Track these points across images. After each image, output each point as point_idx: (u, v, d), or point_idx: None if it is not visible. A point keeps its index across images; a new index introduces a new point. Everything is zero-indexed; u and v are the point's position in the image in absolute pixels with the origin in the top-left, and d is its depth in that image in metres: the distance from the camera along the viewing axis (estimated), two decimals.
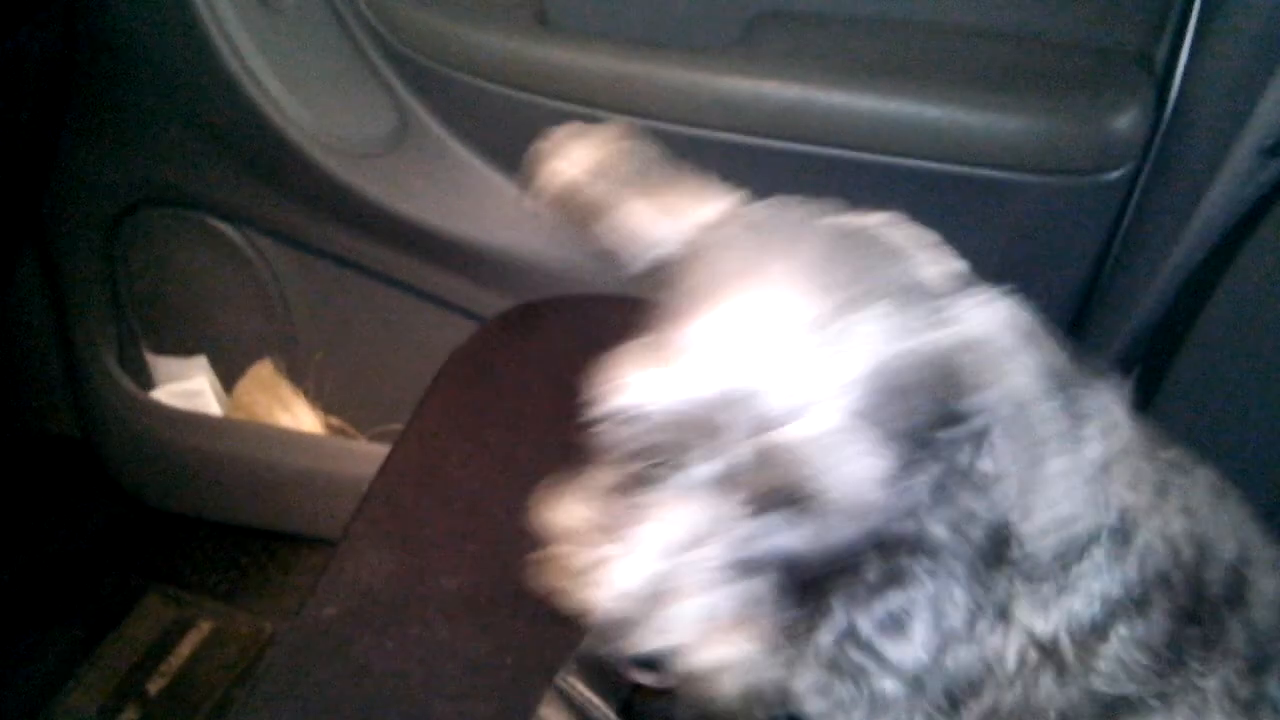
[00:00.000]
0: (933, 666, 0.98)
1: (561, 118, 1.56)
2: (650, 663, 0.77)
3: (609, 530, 0.80)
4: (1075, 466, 0.78)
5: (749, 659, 0.79)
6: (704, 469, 0.75)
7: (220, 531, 2.18)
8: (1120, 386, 0.98)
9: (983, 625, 0.97)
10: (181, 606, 2.10)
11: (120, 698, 1.95)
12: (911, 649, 0.97)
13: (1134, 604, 0.97)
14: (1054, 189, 1.46)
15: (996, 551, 0.93)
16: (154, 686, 1.97)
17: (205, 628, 2.06)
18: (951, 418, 0.79)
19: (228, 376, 2.08)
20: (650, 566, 0.76)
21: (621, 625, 0.76)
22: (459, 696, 1.14)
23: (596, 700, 1.13)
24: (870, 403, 0.73)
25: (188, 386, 2.05)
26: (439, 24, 1.62)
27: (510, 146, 1.67)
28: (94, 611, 2.07)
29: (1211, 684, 1.03)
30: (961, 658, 0.98)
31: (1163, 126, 1.44)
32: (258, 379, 2.03)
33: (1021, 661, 0.99)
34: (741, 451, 0.73)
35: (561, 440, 1.39)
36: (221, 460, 2.03)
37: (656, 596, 0.76)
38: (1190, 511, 0.99)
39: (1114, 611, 0.97)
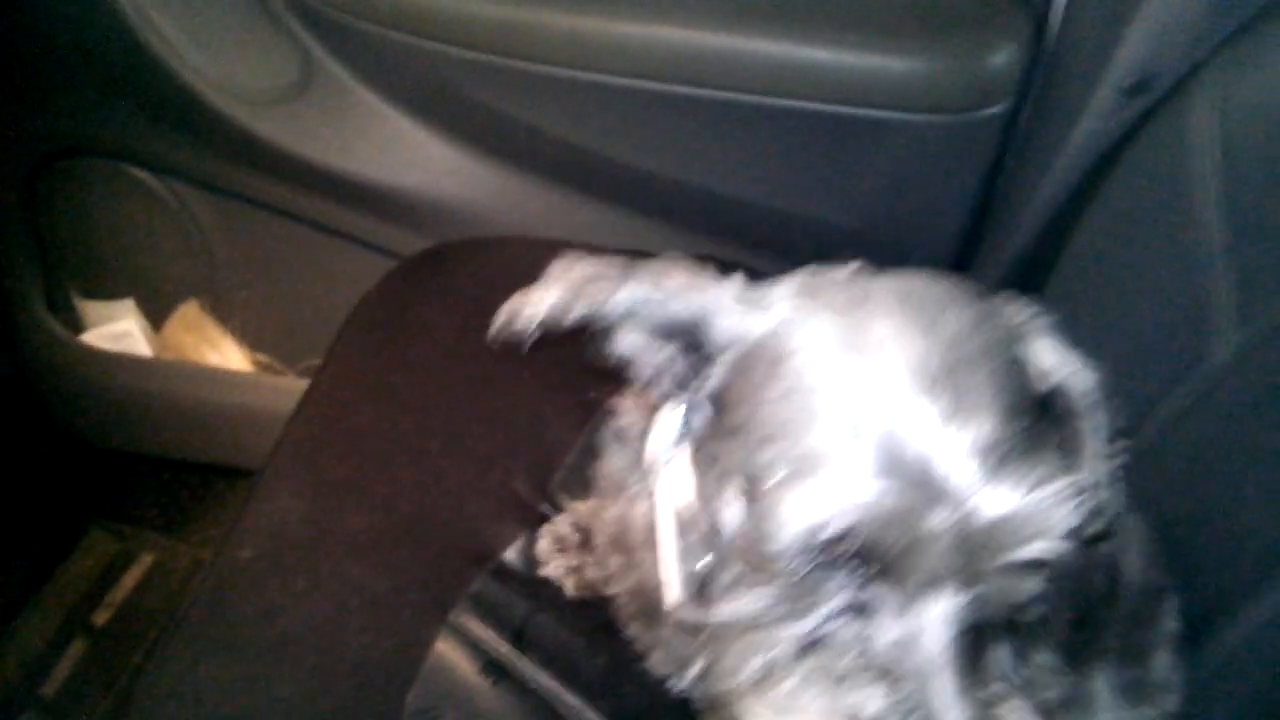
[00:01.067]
0: None
1: (455, 64, 1.61)
2: None
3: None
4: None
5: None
6: (917, 576, 0.69)
7: (158, 466, 2.23)
8: None
9: None
10: (123, 540, 2.17)
11: (68, 630, 2.03)
12: None
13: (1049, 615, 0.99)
14: (936, 126, 1.52)
15: None
16: (100, 618, 2.05)
17: (147, 560, 2.14)
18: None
19: (156, 318, 2.12)
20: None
21: None
22: (362, 631, 1.20)
23: (489, 634, 1.20)
24: (1026, 434, 0.70)
25: (116, 329, 2.09)
26: None
27: (415, 91, 1.72)
28: (39, 548, 2.13)
29: (1098, 684, 1.10)
30: None
31: (1041, 63, 1.49)
32: (184, 319, 2.07)
33: None
34: (953, 548, 0.67)
35: (463, 381, 1.46)
36: (153, 399, 2.08)
37: None
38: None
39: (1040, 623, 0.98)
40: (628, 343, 0.83)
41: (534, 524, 1.32)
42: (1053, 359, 0.79)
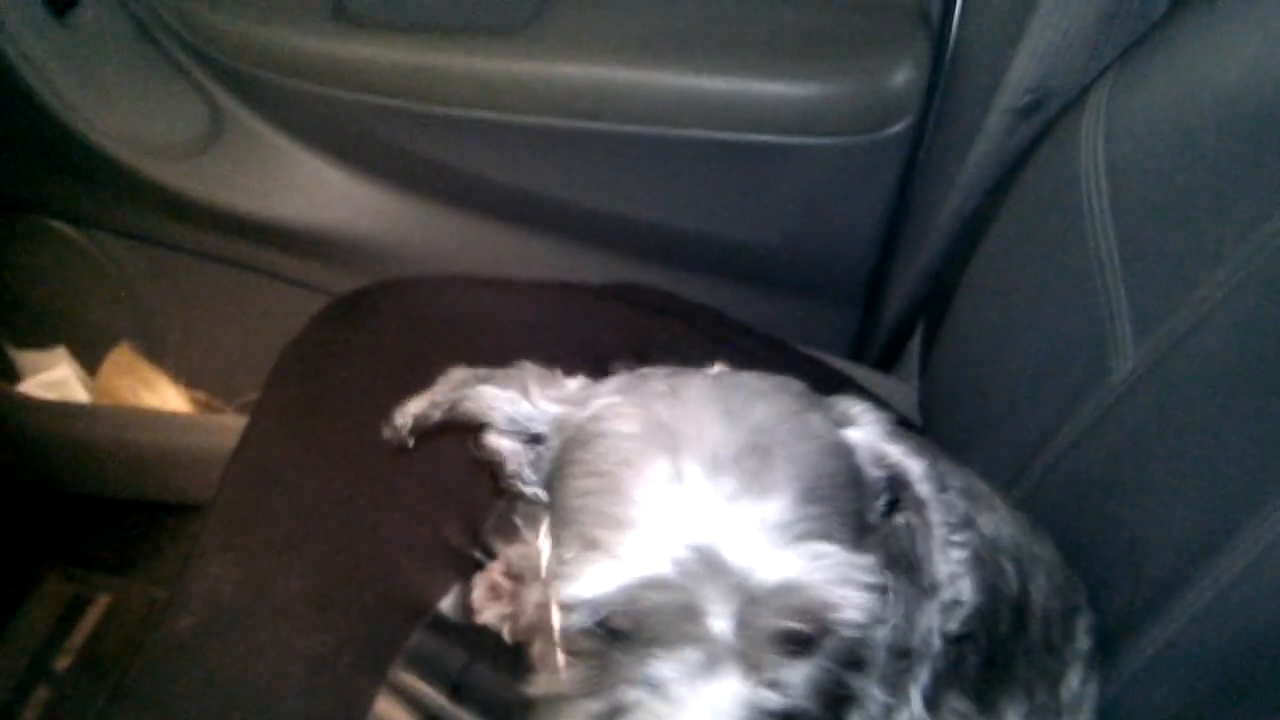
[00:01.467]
0: None
1: (362, 109, 1.62)
2: None
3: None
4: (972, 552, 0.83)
5: None
6: (690, 655, 0.73)
7: (107, 507, 2.23)
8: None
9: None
10: (78, 583, 2.17)
11: (31, 679, 2.04)
12: None
13: (955, 662, 1.05)
14: (840, 148, 1.54)
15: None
16: (60, 664, 2.06)
17: (103, 602, 2.15)
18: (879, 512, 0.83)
19: (90, 363, 2.12)
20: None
21: None
22: (304, 694, 1.22)
23: (427, 689, 1.23)
24: (819, 517, 0.73)
25: (52, 377, 2.09)
26: (238, 24, 1.64)
27: (328, 135, 1.72)
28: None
29: (1009, 717, 1.15)
30: None
31: (940, 81, 1.51)
32: (118, 364, 2.08)
33: None
34: (727, 618, 0.72)
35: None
36: (95, 443, 2.09)
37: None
38: (979, 558, 1.06)
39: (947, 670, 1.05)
40: (492, 439, 0.90)
41: (468, 572, 1.35)
42: (886, 447, 0.82)
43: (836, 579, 0.72)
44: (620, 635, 0.75)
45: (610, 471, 0.76)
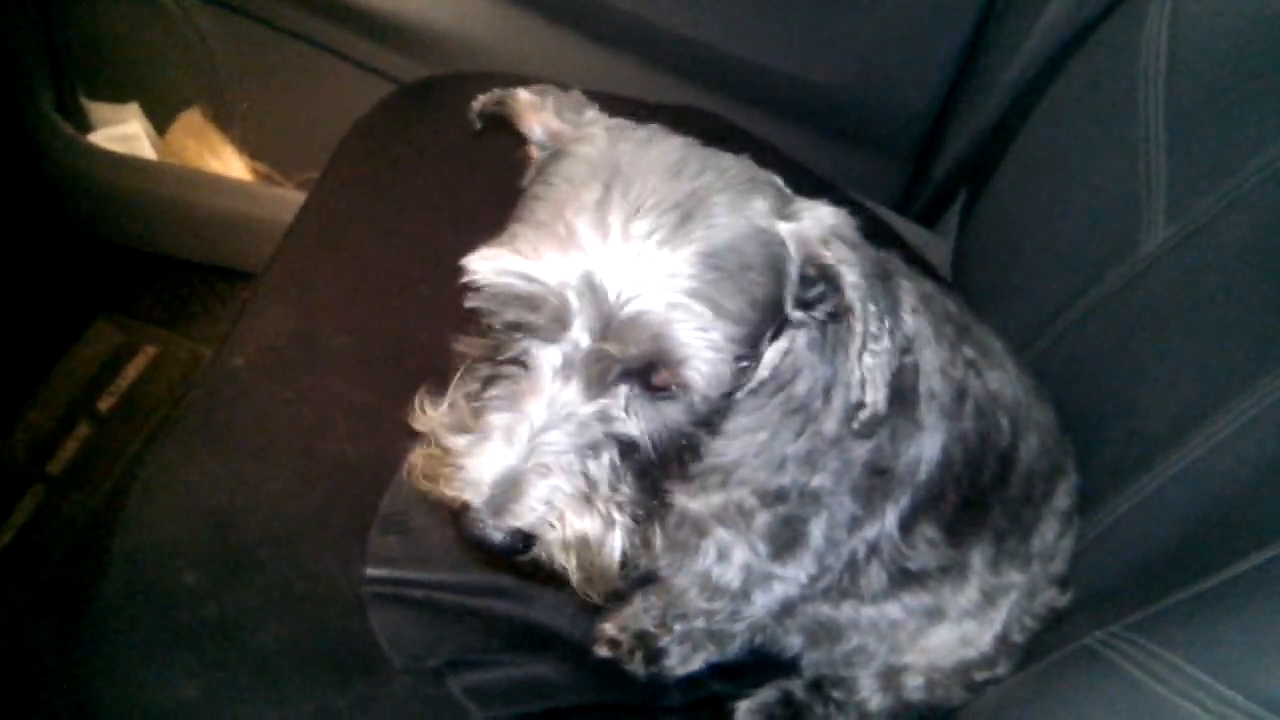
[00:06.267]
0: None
1: None
2: (516, 543, 0.87)
3: (467, 425, 0.89)
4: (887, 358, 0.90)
5: (602, 534, 0.88)
6: (552, 351, 0.85)
7: (162, 265, 2.33)
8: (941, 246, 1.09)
9: None
10: (127, 332, 2.29)
11: (74, 414, 2.17)
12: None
13: (937, 496, 1.14)
14: None
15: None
16: (104, 404, 2.19)
17: (150, 351, 2.27)
18: (800, 301, 0.90)
19: (160, 123, 2.19)
20: (503, 456, 0.85)
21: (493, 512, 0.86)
22: (344, 438, 1.32)
23: None
24: (710, 281, 0.82)
25: (123, 131, 2.16)
26: None
27: None
28: (48, 337, 2.25)
29: (974, 558, 1.24)
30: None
31: None
32: (188, 126, 2.14)
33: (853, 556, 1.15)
34: (587, 332, 0.82)
35: (447, 213, 1.55)
36: (158, 200, 2.17)
37: (513, 483, 0.85)
38: (980, 409, 1.14)
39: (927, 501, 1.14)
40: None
41: None
42: (819, 249, 0.88)
43: (692, 334, 0.81)
44: (513, 328, 0.87)
45: (555, 185, 0.87)
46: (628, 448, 0.89)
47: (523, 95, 1.00)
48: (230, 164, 2.15)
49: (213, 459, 1.30)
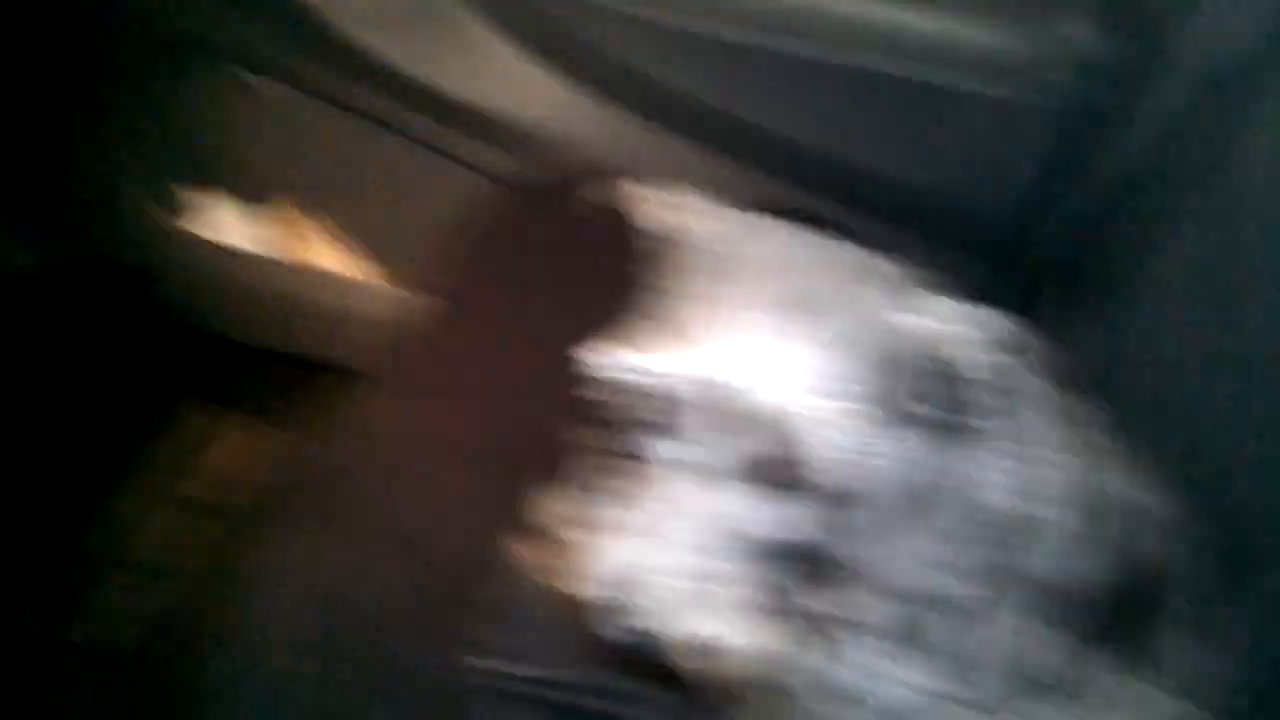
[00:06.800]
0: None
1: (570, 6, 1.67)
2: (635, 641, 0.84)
3: (583, 519, 0.87)
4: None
5: (720, 635, 0.84)
6: (669, 445, 0.84)
7: (249, 353, 2.33)
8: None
9: None
10: (214, 420, 2.30)
11: (157, 500, 2.17)
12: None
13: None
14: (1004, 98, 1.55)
15: None
16: (188, 489, 2.19)
17: (236, 438, 2.27)
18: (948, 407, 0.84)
19: (253, 211, 2.23)
20: (622, 552, 0.83)
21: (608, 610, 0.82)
22: (452, 529, 1.31)
23: None
24: (854, 382, 0.79)
25: (214, 218, 2.20)
26: None
27: (531, 26, 1.77)
28: (133, 423, 2.26)
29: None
30: None
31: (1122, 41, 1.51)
32: (279, 216, 2.18)
33: None
34: (705, 426, 0.81)
35: (558, 309, 1.54)
36: (248, 289, 2.22)
37: (632, 580, 0.82)
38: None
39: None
40: None
41: None
42: (943, 343, 0.84)
43: (813, 428, 0.79)
44: (629, 422, 0.86)
45: (670, 280, 0.87)
46: (750, 545, 0.86)
47: (638, 192, 1.02)
48: (322, 255, 2.18)
49: (319, 546, 1.29)
